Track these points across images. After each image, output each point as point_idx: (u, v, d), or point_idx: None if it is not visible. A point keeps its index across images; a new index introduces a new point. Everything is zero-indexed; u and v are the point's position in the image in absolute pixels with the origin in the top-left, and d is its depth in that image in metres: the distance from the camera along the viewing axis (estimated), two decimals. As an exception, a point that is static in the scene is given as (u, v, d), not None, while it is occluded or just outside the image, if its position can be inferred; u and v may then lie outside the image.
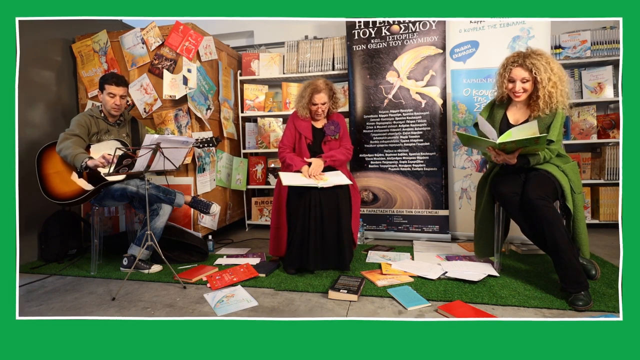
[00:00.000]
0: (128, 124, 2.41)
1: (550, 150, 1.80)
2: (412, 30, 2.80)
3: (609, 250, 2.38)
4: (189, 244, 2.43)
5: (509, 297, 1.70)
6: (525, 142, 1.67)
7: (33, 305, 1.79)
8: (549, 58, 1.83)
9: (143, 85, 2.71)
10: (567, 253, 1.61)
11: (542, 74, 1.78)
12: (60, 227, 2.52)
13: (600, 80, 2.90)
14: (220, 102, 3.09)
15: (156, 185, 2.27)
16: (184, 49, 2.63)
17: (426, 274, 1.98)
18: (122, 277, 2.11)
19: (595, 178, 2.97)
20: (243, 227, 3.40)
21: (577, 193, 1.79)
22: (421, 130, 2.82)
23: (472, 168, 2.79)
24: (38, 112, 2.59)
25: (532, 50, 1.87)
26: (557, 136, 1.81)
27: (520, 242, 2.54)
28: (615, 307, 1.55)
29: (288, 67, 3.32)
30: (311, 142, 2.33)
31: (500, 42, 2.66)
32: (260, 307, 1.70)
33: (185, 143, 2.09)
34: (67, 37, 2.84)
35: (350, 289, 1.78)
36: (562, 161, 1.85)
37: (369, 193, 2.97)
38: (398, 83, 2.86)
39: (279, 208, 2.20)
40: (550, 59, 1.83)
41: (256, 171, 3.39)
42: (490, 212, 2.02)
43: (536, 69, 1.79)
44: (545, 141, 1.64)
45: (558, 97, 1.80)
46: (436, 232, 2.81)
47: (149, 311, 1.70)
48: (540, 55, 1.83)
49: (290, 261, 2.10)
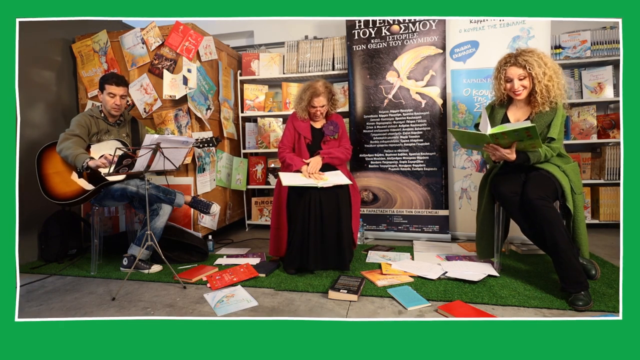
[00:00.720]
0: (128, 124, 2.41)
1: (552, 148, 1.80)
2: (412, 30, 2.80)
3: (609, 250, 2.38)
4: (189, 244, 2.43)
5: (509, 297, 1.70)
6: (517, 133, 1.65)
7: (33, 305, 1.79)
8: (541, 54, 1.84)
9: (143, 85, 2.71)
10: (567, 253, 1.61)
11: (536, 69, 1.79)
12: (60, 227, 2.52)
13: (600, 80, 2.90)
14: (220, 102, 3.09)
15: (156, 185, 2.27)
16: (184, 49, 2.63)
17: (426, 274, 1.98)
18: (122, 277, 2.11)
19: (595, 178, 2.97)
20: (243, 227, 3.40)
21: (578, 194, 1.79)
22: (421, 130, 2.82)
23: (472, 168, 2.79)
24: (38, 112, 2.59)
25: (522, 49, 1.88)
26: (558, 134, 1.81)
27: (520, 242, 2.54)
28: (615, 307, 1.55)
29: (288, 67, 3.32)
30: (310, 142, 2.34)
31: (500, 42, 2.66)
32: (260, 307, 1.70)
33: (185, 143, 2.09)
34: (67, 37, 2.84)
35: (350, 289, 1.78)
36: (563, 161, 1.85)
37: (369, 193, 2.97)
38: (398, 83, 2.86)
39: (279, 208, 2.20)
40: (542, 54, 1.84)
41: (256, 171, 3.39)
42: (491, 213, 2.02)
43: (529, 64, 1.81)
44: (537, 134, 1.62)
45: (555, 91, 1.81)
46: (436, 232, 2.81)
47: (149, 311, 1.70)
48: (531, 52, 1.84)
49: (290, 261, 2.10)
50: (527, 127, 1.60)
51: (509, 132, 1.66)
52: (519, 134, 1.66)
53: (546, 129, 1.84)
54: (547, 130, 1.83)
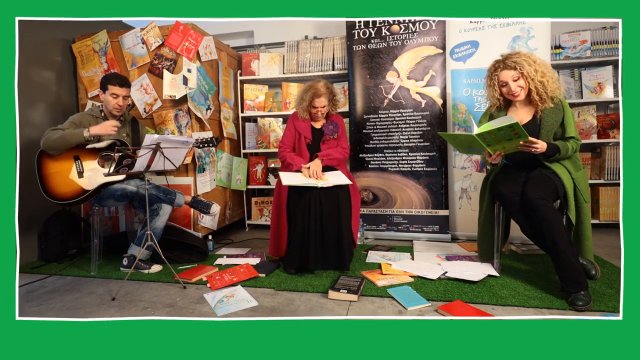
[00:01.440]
0: (128, 124, 2.41)
1: (577, 143, 1.82)
2: (412, 30, 2.80)
3: (609, 250, 2.38)
4: (189, 244, 2.43)
5: (509, 297, 1.70)
6: (503, 132, 1.64)
7: (33, 305, 1.79)
8: (528, 53, 1.88)
9: (143, 85, 2.71)
10: (567, 253, 1.61)
11: (526, 68, 1.81)
12: (60, 227, 2.52)
13: (600, 80, 2.90)
14: (221, 102, 3.09)
15: (156, 185, 2.27)
16: (184, 49, 2.63)
17: (426, 274, 1.98)
18: (122, 277, 2.11)
19: (595, 178, 2.97)
20: (243, 227, 3.40)
21: (586, 202, 1.79)
22: (421, 130, 2.82)
23: (472, 168, 2.79)
24: (38, 112, 2.59)
25: (507, 53, 1.91)
26: (576, 132, 1.83)
27: (520, 242, 2.54)
28: (615, 307, 1.55)
29: (288, 67, 3.32)
30: (310, 141, 2.35)
31: (500, 42, 2.66)
32: (260, 307, 1.70)
33: (185, 143, 2.09)
34: (67, 37, 2.84)
35: (350, 289, 1.78)
36: (575, 167, 1.84)
37: (369, 193, 2.97)
38: (398, 83, 2.86)
39: (279, 208, 2.20)
40: (529, 54, 1.87)
41: (256, 171, 3.39)
42: (492, 214, 2.02)
43: (519, 65, 1.83)
44: (523, 130, 1.62)
45: (552, 85, 1.82)
46: (436, 232, 2.81)
47: (149, 311, 1.70)
48: (517, 53, 1.87)
49: (290, 261, 2.10)
50: (512, 125, 1.59)
51: (495, 131, 1.66)
52: (505, 133, 1.65)
53: (559, 129, 1.84)
54: (560, 130, 1.84)
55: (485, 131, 1.67)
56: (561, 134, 1.84)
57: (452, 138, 1.95)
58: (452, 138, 1.95)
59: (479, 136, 1.69)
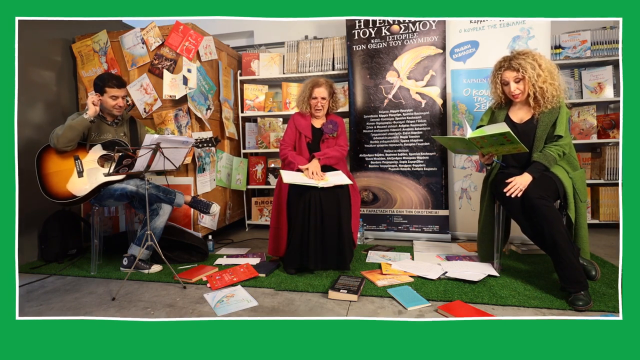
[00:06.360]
0: (126, 123, 2.41)
1: (561, 145, 1.80)
2: (412, 30, 2.80)
3: (609, 250, 2.38)
4: (189, 244, 2.43)
5: (509, 297, 1.70)
6: (496, 138, 1.69)
7: (33, 305, 1.79)
8: (536, 55, 1.85)
9: (143, 85, 2.71)
10: (567, 252, 1.61)
11: (529, 72, 1.81)
12: (60, 227, 2.52)
13: (600, 80, 2.90)
14: (221, 102, 3.09)
15: (156, 185, 2.27)
16: (184, 49, 2.63)
17: (426, 274, 1.98)
18: (122, 277, 2.11)
19: (595, 178, 2.97)
20: (243, 227, 3.40)
21: (582, 201, 1.79)
22: (421, 130, 2.82)
23: (472, 168, 2.79)
24: (38, 112, 2.59)
25: (517, 51, 1.89)
26: (565, 131, 1.81)
27: (520, 242, 2.54)
28: (615, 307, 1.55)
29: (288, 67, 3.32)
30: (310, 140, 2.36)
31: (500, 42, 2.66)
32: (260, 307, 1.70)
33: (185, 143, 2.09)
34: (67, 37, 2.84)
35: (350, 289, 1.78)
36: (572, 167, 1.84)
37: (369, 193, 2.97)
38: (398, 83, 2.86)
39: (279, 208, 2.21)
40: (537, 56, 1.84)
41: (256, 171, 3.39)
42: (492, 215, 2.02)
43: (523, 68, 1.82)
44: (515, 138, 1.65)
45: (552, 92, 1.81)
46: (436, 232, 2.81)
47: (149, 311, 1.70)
48: (526, 54, 1.85)
49: (290, 261, 2.10)
50: (503, 132, 1.63)
51: (488, 137, 1.70)
52: (497, 139, 1.69)
53: (551, 128, 1.84)
54: (552, 129, 1.83)
55: (479, 136, 1.71)
56: (552, 133, 1.84)
57: (445, 141, 1.99)
58: (445, 141, 1.99)
59: (471, 140, 1.73)
